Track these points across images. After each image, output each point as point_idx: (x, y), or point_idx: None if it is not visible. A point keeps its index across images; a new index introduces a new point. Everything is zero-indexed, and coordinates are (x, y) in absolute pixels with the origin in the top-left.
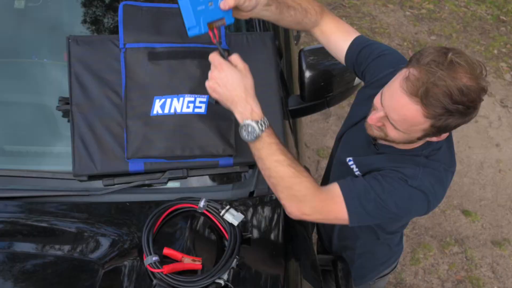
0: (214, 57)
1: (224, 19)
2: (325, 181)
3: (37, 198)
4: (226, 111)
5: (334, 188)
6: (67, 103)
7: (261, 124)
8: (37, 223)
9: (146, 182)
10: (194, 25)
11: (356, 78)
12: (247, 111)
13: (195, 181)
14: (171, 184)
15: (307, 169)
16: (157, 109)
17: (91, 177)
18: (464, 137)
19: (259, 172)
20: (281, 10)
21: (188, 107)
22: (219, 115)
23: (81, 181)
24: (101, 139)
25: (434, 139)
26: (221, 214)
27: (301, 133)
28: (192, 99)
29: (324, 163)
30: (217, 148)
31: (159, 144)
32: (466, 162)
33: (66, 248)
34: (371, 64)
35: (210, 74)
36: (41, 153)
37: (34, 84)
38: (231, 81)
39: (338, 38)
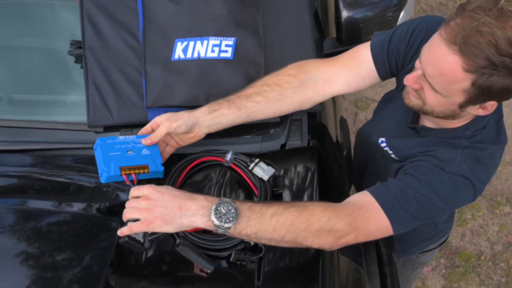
0: (132, 193)
1: (147, 166)
2: (358, 175)
3: (49, 151)
4: (255, 55)
5: (363, 197)
6: (80, 47)
7: (225, 200)
8: (51, 178)
9: None
10: (103, 169)
11: (401, 16)
12: (203, 201)
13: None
14: None
15: (344, 119)
16: (178, 53)
17: (108, 128)
18: None
19: (292, 122)
20: (240, 105)
21: (213, 51)
22: (247, 60)
23: (97, 132)
24: (117, 86)
25: (481, 111)
26: (250, 168)
27: None
28: (218, 42)
29: (362, 116)
30: None
31: (181, 92)
32: None
33: (83, 205)
34: (408, 52)
35: (139, 213)
36: (52, 102)
37: (43, 28)
38: (167, 192)
39: (355, 69)
